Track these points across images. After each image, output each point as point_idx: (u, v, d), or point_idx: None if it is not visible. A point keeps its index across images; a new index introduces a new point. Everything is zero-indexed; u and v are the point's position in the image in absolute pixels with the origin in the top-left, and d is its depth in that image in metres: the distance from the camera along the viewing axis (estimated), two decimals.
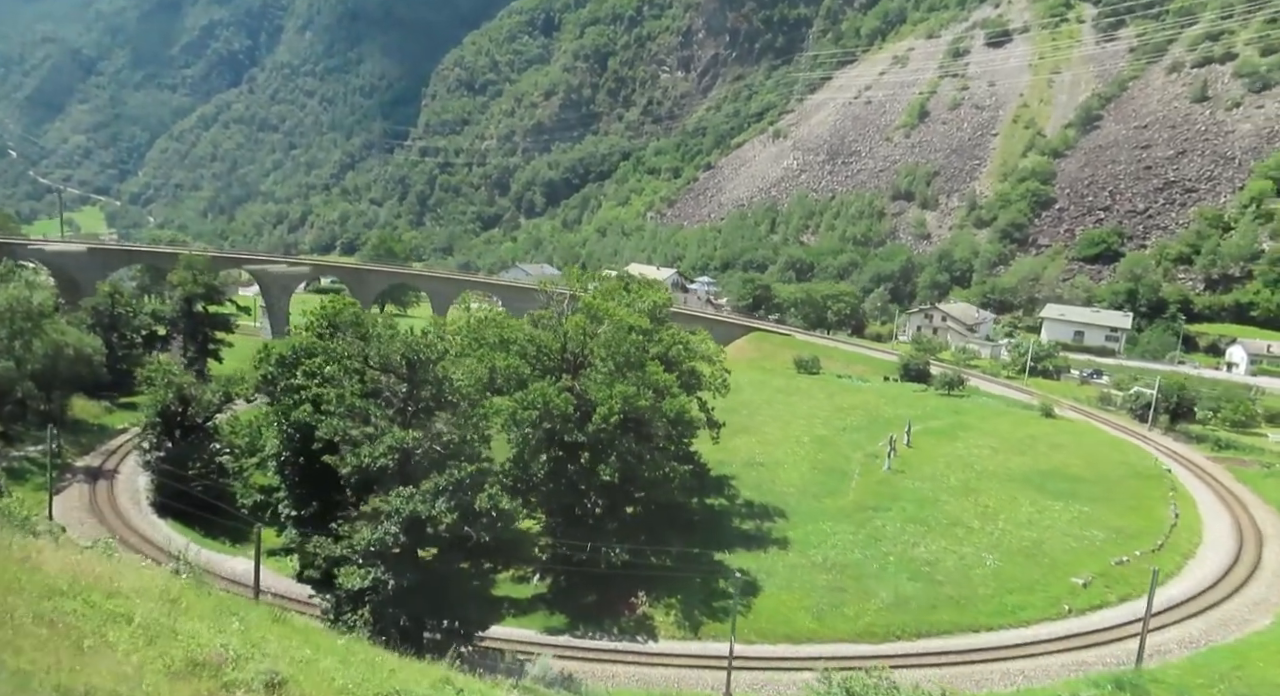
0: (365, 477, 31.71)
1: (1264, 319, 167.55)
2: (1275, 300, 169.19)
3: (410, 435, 30.97)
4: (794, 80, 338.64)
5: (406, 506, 29.40)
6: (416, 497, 29.51)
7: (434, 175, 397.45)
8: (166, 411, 55.20)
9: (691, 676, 36.37)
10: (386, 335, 33.00)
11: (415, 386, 33.00)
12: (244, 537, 55.41)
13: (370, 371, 33.97)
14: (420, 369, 32.63)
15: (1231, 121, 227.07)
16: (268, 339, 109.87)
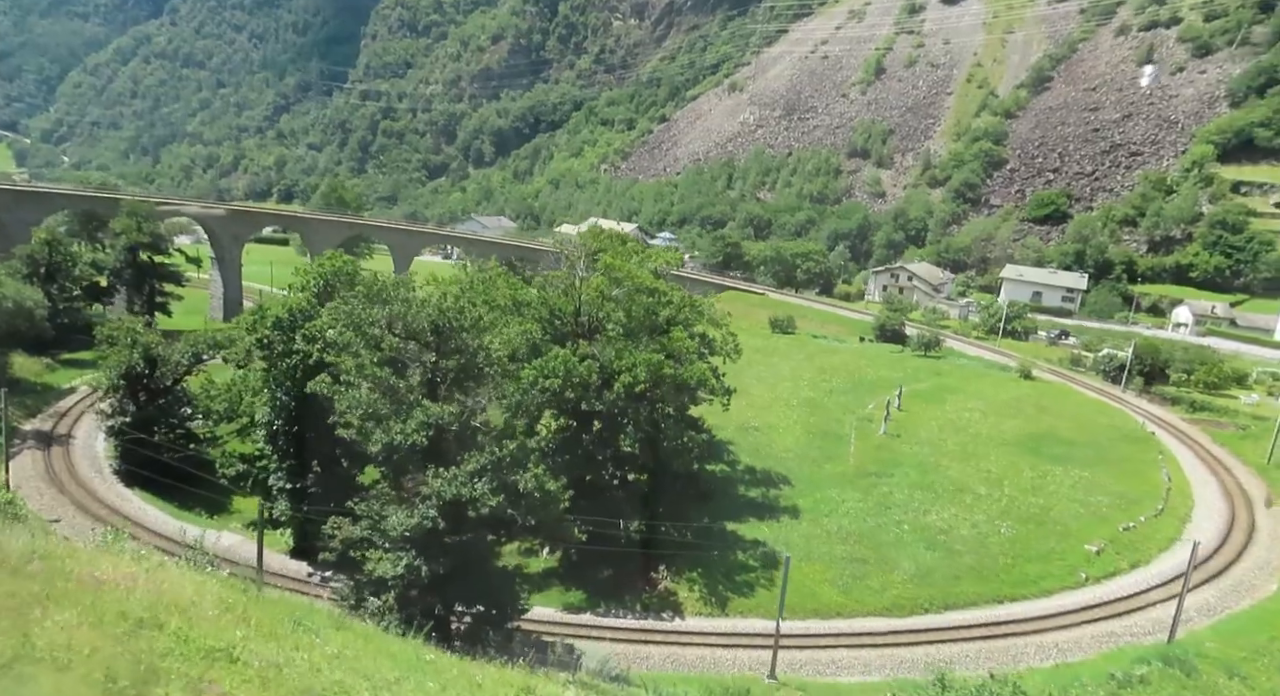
0: (393, 456, 29.17)
1: (1202, 280, 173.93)
2: (1213, 262, 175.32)
3: (445, 410, 28.50)
4: (750, 32, 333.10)
5: (449, 489, 27.08)
6: (459, 479, 27.20)
7: (376, 120, 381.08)
8: (131, 373, 50.98)
9: (726, 656, 35.23)
10: (416, 300, 30.15)
11: (443, 356, 30.39)
12: (221, 508, 52.23)
13: (390, 338, 31.15)
14: (449, 337, 30.01)
15: (1175, 86, 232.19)
16: (218, 292, 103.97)
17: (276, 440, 41.29)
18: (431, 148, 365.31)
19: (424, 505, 27.60)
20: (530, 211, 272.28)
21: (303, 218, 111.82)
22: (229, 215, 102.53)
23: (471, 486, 27.36)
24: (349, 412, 29.58)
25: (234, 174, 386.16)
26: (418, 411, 28.47)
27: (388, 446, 28.43)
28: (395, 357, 31.50)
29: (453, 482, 27.14)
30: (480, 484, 27.57)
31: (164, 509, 49.26)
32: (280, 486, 41.72)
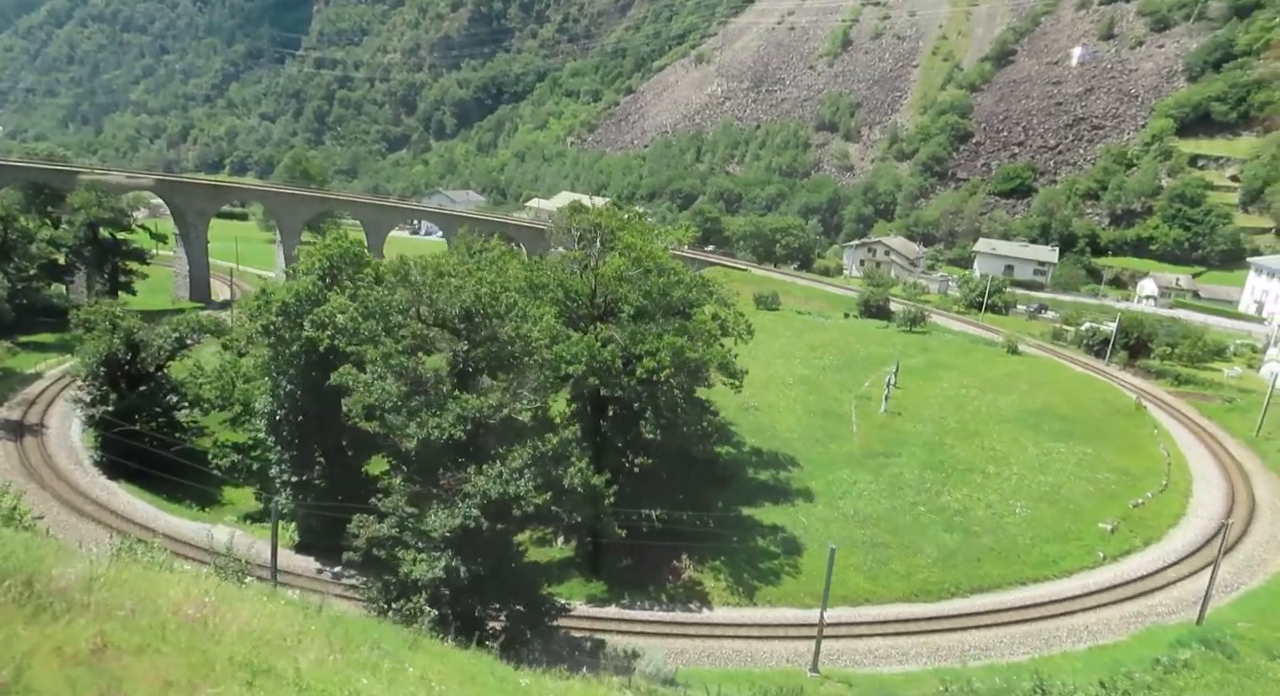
0: (427, 451, 27.68)
1: (1162, 252, 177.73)
2: (1172, 235, 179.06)
3: (484, 402, 27.09)
4: (716, 1, 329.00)
5: (494, 487, 25.75)
6: (504, 477, 25.89)
7: (332, 90, 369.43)
8: (112, 359, 48.28)
9: (762, 649, 34.45)
10: (451, 285, 28.49)
11: (474, 345, 28.92)
12: (211, 501, 50.15)
13: (415, 325, 29.55)
14: (481, 324, 28.52)
15: (1135, 60, 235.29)
16: (183, 270, 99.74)
17: (279, 430, 39.40)
18: (391, 119, 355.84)
19: (465, 503, 26.28)
20: (496, 185, 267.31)
21: (272, 192, 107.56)
22: (194, 189, 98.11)
23: (516, 483, 26.12)
24: (377, 405, 28.00)
25: (183, 145, 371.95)
26: (453, 404, 27.04)
27: (423, 442, 26.93)
28: (419, 346, 29.94)
29: (498, 481, 25.83)
30: (524, 481, 26.34)
31: (153, 502, 47.03)
32: (284, 478, 39.89)
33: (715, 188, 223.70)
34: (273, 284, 37.33)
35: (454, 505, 26.47)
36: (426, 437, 26.67)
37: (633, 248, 39.99)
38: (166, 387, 51.44)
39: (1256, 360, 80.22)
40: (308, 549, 41.44)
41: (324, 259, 37.52)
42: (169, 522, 43.98)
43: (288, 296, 35.16)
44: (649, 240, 43.33)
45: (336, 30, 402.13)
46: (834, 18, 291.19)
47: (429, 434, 26.62)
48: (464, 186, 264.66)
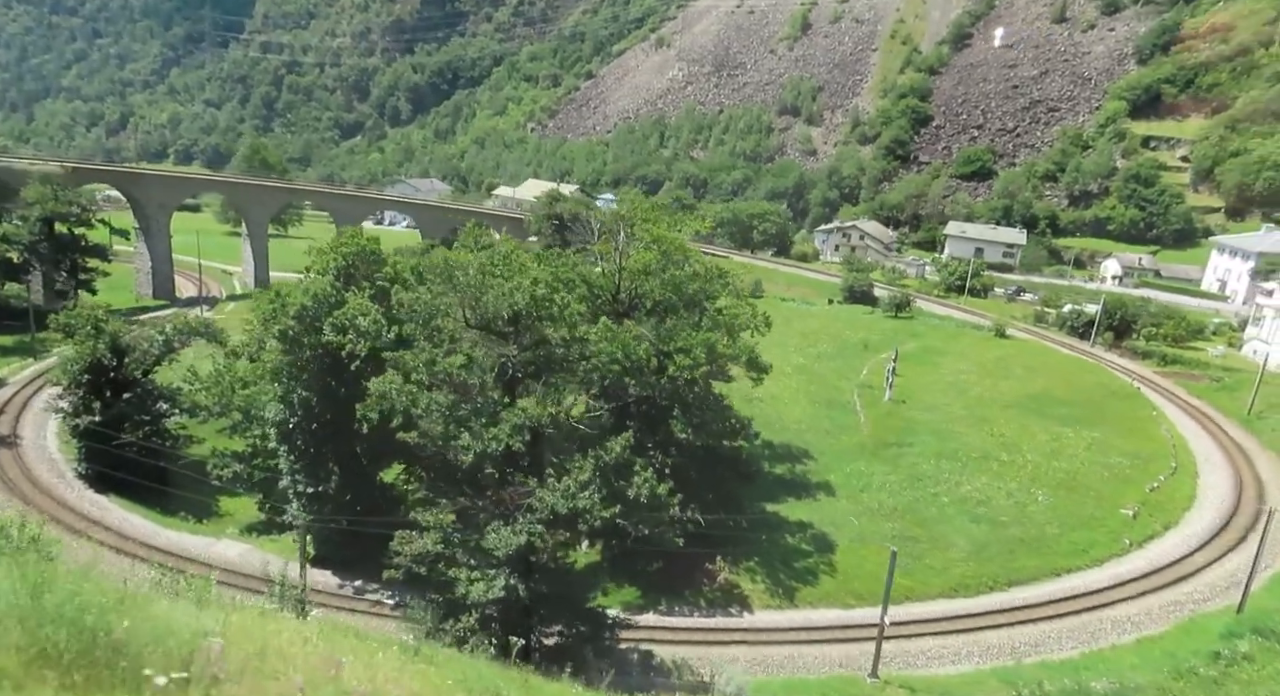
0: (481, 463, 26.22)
1: (1119, 232, 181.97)
2: (1129, 215, 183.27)
3: (543, 411, 25.71)
4: None
5: (563, 502, 24.39)
6: (571, 490, 24.55)
7: (280, 75, 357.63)
8: (96, 365, 45.42)
9: (813, 654, 33.47)
10: (505, 287, 26.92)
11: (523, 348, 27.50)
12: (208, 512, 47.77)
13: (450, 328, 27.99)
14: (529, 327, 27.11)
15: (1087, 43, 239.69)
16: (145, 266, 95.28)
17: (291, 439, 37.38)
18: (343, 105, 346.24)
19: (527, 519, 24.92)
20: (457, 173, 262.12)
21: (239, 183, 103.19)
22: (154, 180, 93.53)
23: (582, 497, 24.82)
24: (426, 416, 26.41)
25: (122, 133, 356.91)
26: (509, 413, 25.62)
27: (479, 454, 25.46)
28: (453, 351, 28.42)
29: (567, 496, 24.45)
30: (590, 493, 25.05)
31: (148, 516, 44.63)
32: (297, 489, 37.90)
33: (681, 173, 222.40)
34: (286, 285, 35.11)
35: (514, 521, 25.10)
36: (483, 450, 25.19)
37: (663, 241, 38.69)
38: (154, 394, 48.71)
39: (1236, 339, 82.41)
40: (323, 562, 39.56)
41: (340, 258, 35.47)
42: (170, 538, 41.79)
43: (305, 299, 33.13)
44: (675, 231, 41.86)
45: (282, 13, 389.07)
46: (793, 1, 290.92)
47: (485, 445, 25.16)
48: (424, 174, 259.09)
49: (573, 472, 25.53)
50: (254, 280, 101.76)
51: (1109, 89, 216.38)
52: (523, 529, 24.76)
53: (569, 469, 26.09)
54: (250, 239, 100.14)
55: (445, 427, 26.53)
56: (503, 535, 24.88)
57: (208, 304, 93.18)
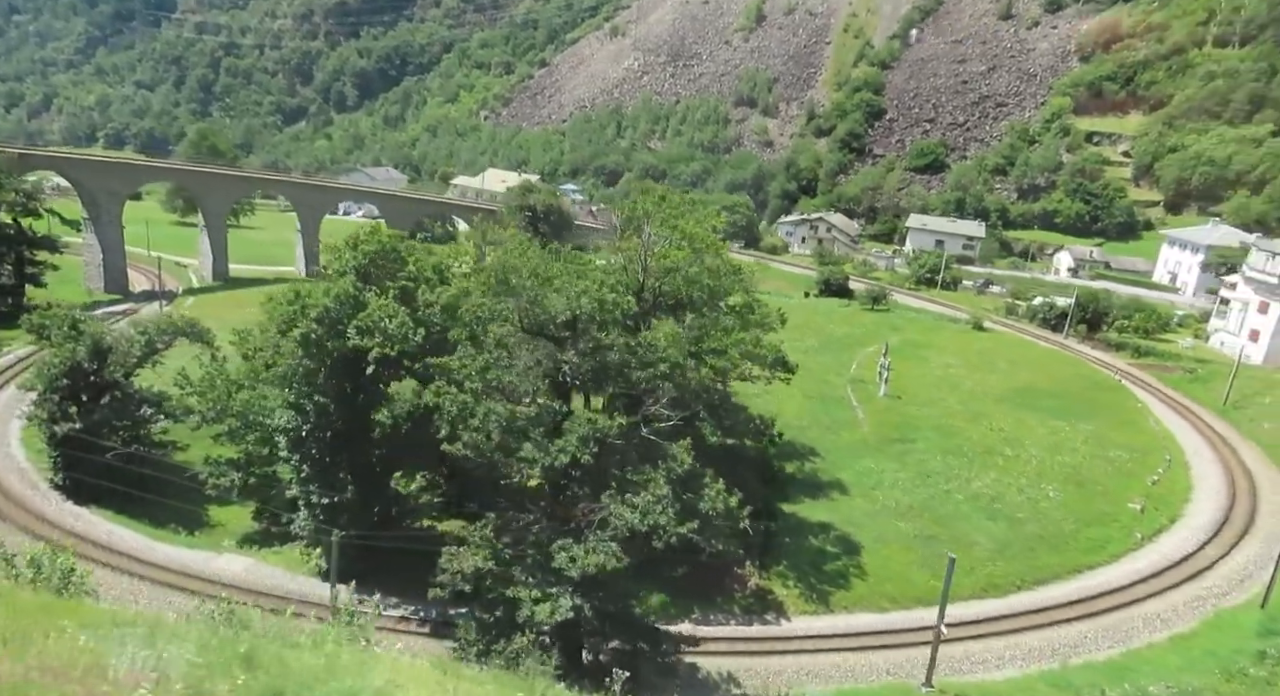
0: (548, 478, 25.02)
1: (1066, 225, 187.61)
2: (1075, 209, 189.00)
3: (614, 422, 24.70)
4: None
5: (644, 519, 23.36)
6: (646, 505, 23.53)
7: (217, 57, 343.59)
8: (76, 370, 42.45)
9: (859, 662, 32.73)
10: (572, 291, 25.73)
11: (581, 355, 26.41)
12: (198, 523, 45.20)
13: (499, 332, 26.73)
14: (585, 332, 26.04)
15: (1032, 39, 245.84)
16: (95, 258, 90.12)
17: (304, 447, 35.46)
18: (285, 89, 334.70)
19: (597, 536, 23.87)
20: (409, 161, 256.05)
21: (200, 171, 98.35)
22: (105, 167, 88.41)
23: (657, 513, 23.83)
24: (482, 427, 25.11)
25: (46, 115, 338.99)
26: (573, 423, 24.55)
27: (547, 468, 24.31)
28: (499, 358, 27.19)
29: (648, 512, 23.39)
30: (665, 508, 24.09)
31: (137, 530, 42.05)
32: (311, 500, 36.00)
33: (640, 164, 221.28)
34: (306, 286, 33.04)
35: (584, 538, 24.05)
36: (551, 463, 24.02)
37: (695, 238, 37.74)
38: (136, 398, 45.85)
39: (1201, 330, 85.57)
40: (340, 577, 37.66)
41: (361, 256, 33.55)
42: (166, 553, 39.46)
43: (327, 300, 31.25)
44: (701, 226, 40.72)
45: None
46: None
47: (552, 458, 23.99)
48: (376, 162, 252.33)
49: (648, 486, 24.49)
50: (212, 273, 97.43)
51: (1053, 85, 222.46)
52: (598, 547, 23.64)
53: (634, 482, 25.09)
54: (208, 230, 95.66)
55: (502, 439, 25.29)
56: (574, 553, 23.72)
57: (165, 298, 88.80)
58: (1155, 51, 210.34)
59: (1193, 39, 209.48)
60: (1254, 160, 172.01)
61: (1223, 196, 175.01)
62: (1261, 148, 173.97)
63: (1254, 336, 71.83)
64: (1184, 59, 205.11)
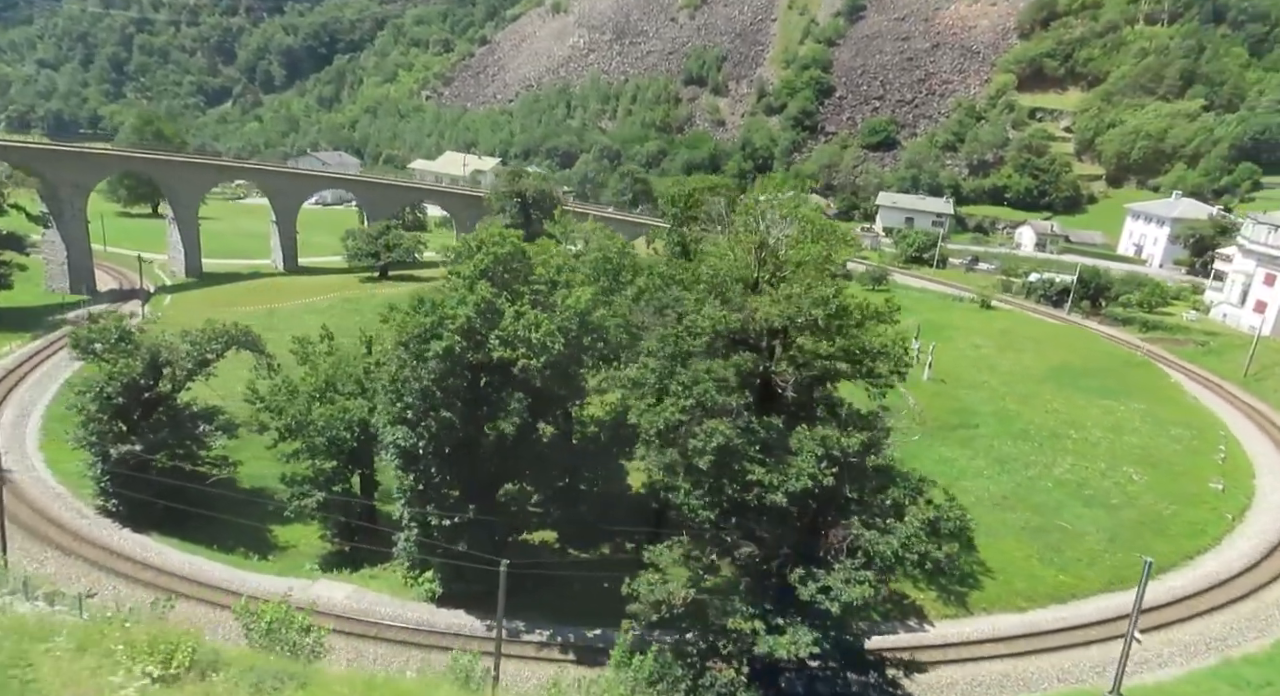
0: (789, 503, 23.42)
1: (1015, 200, 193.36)
2: (1024, 184, 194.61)
3: (854, 439, 23.41)
4: None
5: (904, 548, 22.12)
6: (918, 531, 22.33)
7: (129, 34, 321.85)
8: (133, 386, 38.59)
9: (1027, 667, 31.85)
10: (806, 297, 24.21)
11: (794, 365, 25.05)
12: (266, 545, 42.27)
13: (692, 342, 25.13)
14: (791, 338, 24.66)
15: (973, 17, 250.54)
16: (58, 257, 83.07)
17: (420, 464, 33.05)
18: (207, 68, 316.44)
19: (845, 565, 22.60)
20: (349, 143, 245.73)
21: (170, 161, 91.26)
22: (67, 158, 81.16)
23: (917, 538, 22.70)
24: (703, 449, 23.45)
25: None
26: (805, 441, 23.22)
27: (789, 493, 22.88)
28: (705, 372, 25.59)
29: (912, 539, 22.10)
30: (920, 533, 22.96)
31: (211, 557, 38.90)
32: (425, 520, 33.63)
33: (598, 145, 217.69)
34: (435, 295, 30.20)
35: (830, 568, 22.78)
36: (795, 488, 22.54)
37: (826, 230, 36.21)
38: (185, 415, 42.21)
39: (1199, 302, 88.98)
40: (451, 600, 35.42)
41: (492, 260, 30.96)
42: (257, 583, 36.55)
43: (468, 310, 28.75)
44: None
45: None
46: None
47: (793, 482, 22.50)
48: (313, 145, 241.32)
49: (895, 510, 23.25)
50: (185, 269, 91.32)
51: (996, 62, 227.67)
52: (855, 578, 22.26)
53: (870, 502, 23.96)
54: (178, 223, 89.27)
55: (722, 461, 23.74)
56: (830, 583, 22.28)
57: (140, 298, 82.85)
58: (1091, 29, 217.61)
59: (1125, 17, 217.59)
60: (1188, 134, 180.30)
61: (1160, 170, 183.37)
62: (1195, 122, 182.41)
63: (1260, 308, 75.19)
64: (1119, 37, 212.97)
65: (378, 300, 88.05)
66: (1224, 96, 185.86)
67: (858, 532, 23.35)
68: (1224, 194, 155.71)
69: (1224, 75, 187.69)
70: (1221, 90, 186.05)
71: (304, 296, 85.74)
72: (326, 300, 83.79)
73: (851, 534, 23.34)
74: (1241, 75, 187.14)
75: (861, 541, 23.18)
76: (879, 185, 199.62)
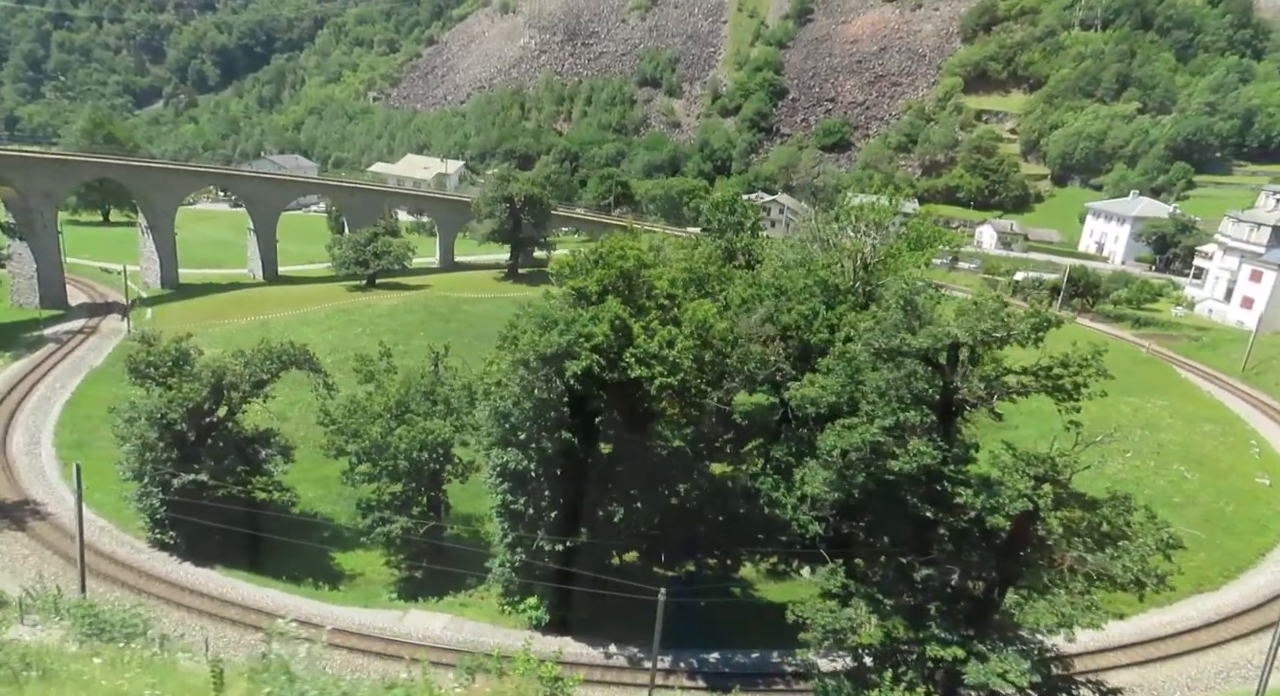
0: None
1: (968, 199, 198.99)
2: (974, 184, 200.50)
3: (1063, 458, 23.27)
4: None
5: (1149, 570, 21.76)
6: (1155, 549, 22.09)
7: (45, 30, 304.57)
8: (196, 411, 36.04)
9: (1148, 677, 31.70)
10: (1001, 311, 23.93)
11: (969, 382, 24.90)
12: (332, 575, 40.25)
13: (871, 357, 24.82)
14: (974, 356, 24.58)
15: (917, 21, 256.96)
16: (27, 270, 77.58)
17: (528, 486, 31.78)
18: (134, 68, 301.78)
19: (1077, 585, 22.35)
20: (295, 145, 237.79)
21: (146, 167, 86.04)
22: (37, 164, 75.70)
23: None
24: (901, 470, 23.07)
25: None
26: (1018, 462, 23.07)
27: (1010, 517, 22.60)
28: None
29: (1145, 560, 21.77)
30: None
31: (286, 589, 36.76)
32: (537, 546, 32.30)
33: (559, 147, 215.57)
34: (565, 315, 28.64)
35: (1049, 593, 22.52)
36: (1010, 511, 22.21)
37: (939, 236, 36.36)
38: (242, 439, 39.77)
39: (1182, 299, 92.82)
40: (560, 628, 34.09)
41: (614, 274, 29.76)
42: (349, 618, 34.74)
43: (603, 328, 27.58)
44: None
45: None
46: None
47: (1011, 504, 22.14)
48: (257, 148, 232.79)
49: (1139, 528, 22.86)
50: (160, 280, 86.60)
51: (942, 65, 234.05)
52: (1084, 603, 21.95)
53: (1081, 521, 23.80)
54: (153, 231, 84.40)
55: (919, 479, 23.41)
56: (1062, 608, 21.90)
57: (119, 311, 78.37)
58: (1030, 33, 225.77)
59: (1062, 22, 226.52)
60: (1126, 135, 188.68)
61: (1101, 169, 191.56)
62: (1131, 124, 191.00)
63: (1247, 303, 78.98)
64: (1056, 41, 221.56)
65: (377, 310, 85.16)
66: (1156, 99, 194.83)
67: (1084, 555, 23.10)
68: (1160, 192, 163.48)
69: (1155, 79, 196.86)
70: (1154, 93, 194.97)
71: (293, 307, 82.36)
72: (322, 311, 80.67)
73: (1081, 556, 23.09)
74: (1171, 79, 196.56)
75: (1090, 564, 22.89)
76: (836, 186, 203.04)
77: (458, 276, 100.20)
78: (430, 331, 77.41)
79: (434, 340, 70.38)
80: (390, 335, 74.28)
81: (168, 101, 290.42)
